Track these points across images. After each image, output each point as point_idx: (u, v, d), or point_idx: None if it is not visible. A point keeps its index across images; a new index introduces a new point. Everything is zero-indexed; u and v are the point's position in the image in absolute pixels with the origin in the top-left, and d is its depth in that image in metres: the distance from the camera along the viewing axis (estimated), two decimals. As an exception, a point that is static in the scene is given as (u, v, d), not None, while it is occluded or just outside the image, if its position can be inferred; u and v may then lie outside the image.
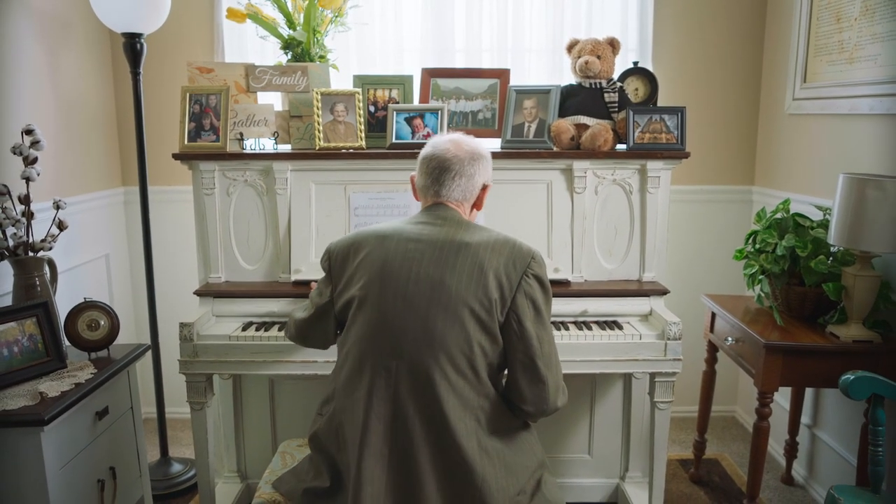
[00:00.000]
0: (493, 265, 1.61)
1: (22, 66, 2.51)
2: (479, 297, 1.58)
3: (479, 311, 1.57)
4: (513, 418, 1.68)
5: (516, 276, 1.61)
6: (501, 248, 1.64)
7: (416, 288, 1.59)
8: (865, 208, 2.08)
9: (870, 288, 2.19)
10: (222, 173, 2.43)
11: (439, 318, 1.56)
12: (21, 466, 1.73)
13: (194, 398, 2.24)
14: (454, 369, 1.56)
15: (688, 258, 3.28)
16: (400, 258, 1.62)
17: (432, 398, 1.55)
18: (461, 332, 1.56)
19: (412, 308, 1.58)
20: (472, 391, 1.59)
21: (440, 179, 1.72)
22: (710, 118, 3.20)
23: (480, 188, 1.77)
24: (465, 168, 1.72)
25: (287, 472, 1.81)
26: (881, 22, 2.33)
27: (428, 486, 1.55)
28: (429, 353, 1.55)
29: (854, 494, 1.85)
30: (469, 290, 1.58)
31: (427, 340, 1.56)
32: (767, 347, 2.22)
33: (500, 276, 1.60)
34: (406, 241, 1.65)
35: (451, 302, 1.57)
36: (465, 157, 1.72)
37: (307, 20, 2.60)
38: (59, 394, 1.83)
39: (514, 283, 1.61)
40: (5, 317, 1.92)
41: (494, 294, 1.59)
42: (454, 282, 1.58)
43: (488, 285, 1.58)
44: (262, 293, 2.36)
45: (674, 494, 2.76)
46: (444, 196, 1.73)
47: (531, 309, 1.62)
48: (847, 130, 2.56)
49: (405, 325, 1.57)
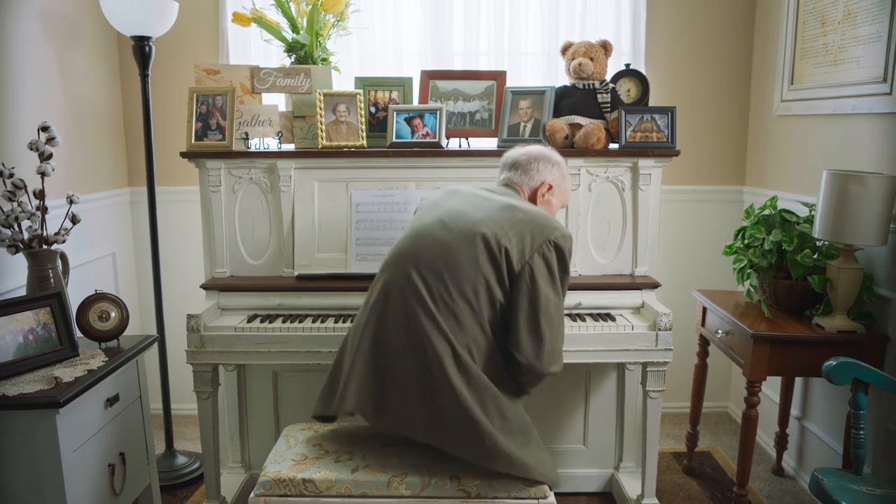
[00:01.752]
0: (524, 223, 1.84)
1: (34, 68, 2.60)
2: (497, 235, 1.81)
3: (493, 245, 1.80)
4: (505, 375, 1.83)
5: (540, 239, 1.83)
6: (538, 216, 1.88)
7: (450, 217, 1.89)
8: (848, 203, 2.17)
9: (853, 280, 2.28)
10: (228, 171, 2.51)
11: (457, 238, 1.83)
12: (37, 448, 1.80)
13: (201, 387, 2.32)
14: (456, 287, 1.78)
15: (680, 257, 3.37)
16: (453, 202, 1.96)
17: (428, 309, 1.77)
18: (470, 253, 1.80)
19: (440, 228, 1.87)
20: (470, 316, 1.78)
21: (506, 168, 2.09)
22: (701, 120, 3.30)
23: (539, 183, 2.06)
24: (525, 164, 2.07)
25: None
26: (863, 25, 2.42)
27: (406, 392, 1.77)
28: (441, 263, 1.80)
29: (837, 476, 1.93)
30: (489, 225, 1.83)
31: (441, 252, 1.82)
32: (755, 338, 2.30)
33: (525, 234, 1.82)
34: (466, 192, 2.00)
35: (470, 228, 1.83)
36: (529, 156, 2.08)
37: (310, 24, 2.68)
38: (73, 379, 1.90)
39: (536, 245, 1.82)
40: (21, 306, 2.00)
41: (514, 243, 1.82)
42: (480, 215, 1.86)
43: (510, 234, 1.82)
44: (266, 287, 2.44)
45: (667, 485, 2.83)
46: (506, 179, 2.08)
47: (546, 270, 1.81)
48: (832, 130, 2.65)
49: (428, 241, 1.86)
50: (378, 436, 1.99)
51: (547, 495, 1.78)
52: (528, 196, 2.07)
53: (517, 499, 1.77)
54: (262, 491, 1.79)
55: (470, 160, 2.52)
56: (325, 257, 2.49)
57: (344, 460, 1.86)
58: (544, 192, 2.07)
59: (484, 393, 1.76)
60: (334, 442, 1.96)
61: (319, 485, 1.77)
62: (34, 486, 1.82)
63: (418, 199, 2.45)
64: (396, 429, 1.82)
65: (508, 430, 1.77)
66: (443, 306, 1.78)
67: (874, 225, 2.16)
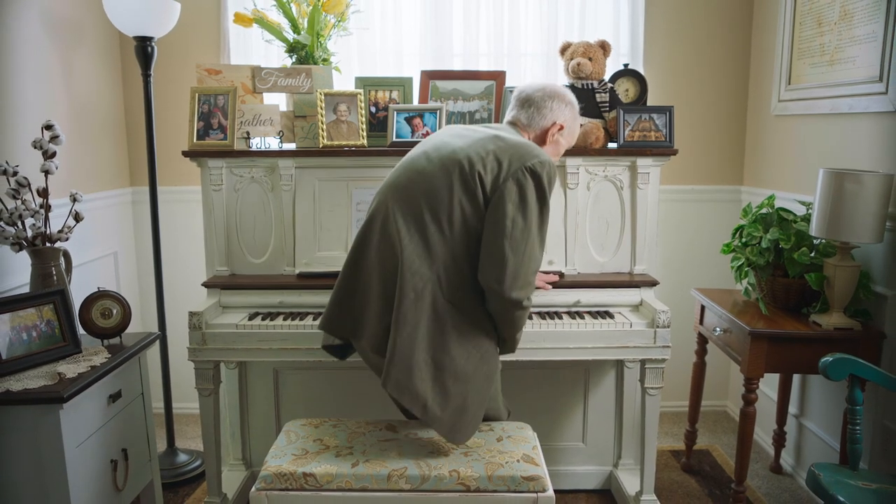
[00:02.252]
0: (503, 150, 1.87)
1: (37, 68, 2.62)
2: (473, 161, 1.85)
3: (467, 171, 1.84)
4: (475, 309, 1.86)
5: (516, 165, 1.84)
6: (520, 145, 1.90)
7: (434, 149, 1.95)
8: (844, 201, 2.19)
9: (850, 277, 2.29)
10: (230, 170, 2.53)
11: (436, 167, 1.89)
12: (41, 443, 1.82)
13: (203, 384, 2.33)
14: (431, 215, 1.85)
15: (679, 257, 3.39)
16: (441, 135, 2.02)
17: (400, 237, 1.84)
18: (446, 181, 1.86)
19: (423, 159, 1.94)
20: (441, 244, 1.83)
21: (517, 105, 2.08)
22: (700, 120, 3.32)
23: (551, 123, 2.06)
24: (539, 101, 2.06)
25: None
26: (858, 25, 2.44)
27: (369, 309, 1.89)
28: (419, 192, 1.87)
29: (833, 471, 1.94)
30: (467, 153, 1.87)
31: (419, 181, 1.89)
32: (752, 335, 2.32)
33: (503, 160, 1.85)
34: (459, 127, 2.06)
35: (449, 156, 1.89)
36: (545, 93, 2.06)
37: (311, 25, 2.71)
38: (77, 375, 1.92)
39: (511, 171, 1.84)
40: (25, 303, 2.02)
41: (489, 169, 1.84)
42: (462, 144, 1.91)
43: (486, 160, 1.85)
44: (267, 285, 2.46)
45: (666, 482, 2.84)
46: (512, 118, 2.08)
47: (517, 195, 1.82)
48: (829, 129, 2.67)
49: (410, 172, 1.93)
50: (378, 431, 2.01)
51: (546, 489, 1.80)
52: (536, 135, 2.06)
53: (516, 492, 1.79)
54: (263, 485, 1.80)
55: (469, 159, 2.53)
56: (326, 256, 2.51)
57: (344, 455, 1.88)
58: (555, 132, 2.07)
59: (436, 323, 1.83)
60: (335, 437, 1.98)
61: (320, 479, 1.79)
62: (38, 480, 1.84)
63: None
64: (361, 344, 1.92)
65: (442, 366, 1.83)
66: (415, 233, 1.84)
67: (870, 223, 2.18)
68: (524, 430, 2.06)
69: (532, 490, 1.79)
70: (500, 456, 1.88)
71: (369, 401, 2.65)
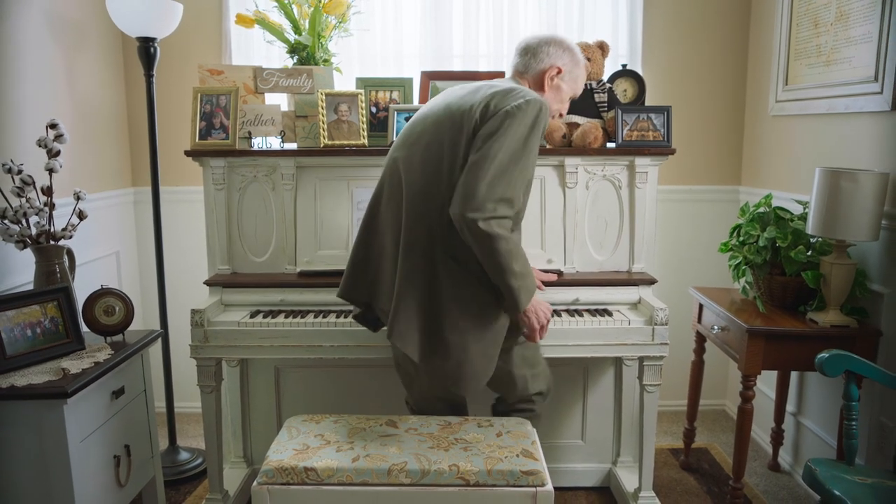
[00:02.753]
0: (492, 95, 1.92)
1: (41, 69, 2.65)
2: (462, 107, 1.92)
3: (458, 117, 1.91)
4: (471, 253, 1.89)
5: (503, 105, 1.89)
6: (511, 89, 1.93)
7: (431, 107, 2.04)
8: (840, 199, 2.21)
9: (846, 275, 2.31)
10: (231, 169, 2.55)
11: (431, 122, 1.97)
12: (45, 437, 1.84)
13: (205, 381, 2.35)
14: (430, 164, 1.92)
15: (678, 256, 3.40)
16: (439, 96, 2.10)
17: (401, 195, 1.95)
18: (440, 133, 1.93)
19: (421, 121, 2.02)
20: (437, 193, 1.90)
21: (517, 54, 2.11)
22: (698, 121, 3.34)
23: (548, 66, 2.06)
24: (535, 47, 2.07)
25: None
26: (854, 26, 2.47)
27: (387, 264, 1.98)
28: (418, 149, 1.95)
29: (829, 466, 1.96)
30: (459, 106, 1.93)
31: (416, 139, 1.98)
32: (750, 332, 2.34)
33: (492, 103, 1.90)
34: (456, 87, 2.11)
35: (444, 109, 1.96)
36: (541, 40, 2.08)
37: (312, 26, 2.73)
38: (81, 371, 1.94)
39: (498, 109, 1.87)
40: (29, 299, 2.04)
41: (480, 113, 1.89)
42: (454, 99, 1.99)
43: (476, 106, 1.90)
44: (268, 283, 2.48)
45: (665, 480, 2.86)
46: (512, 67, 2.11)
47: (496, 127, 1.85)
48: (825, 129, 2.70)
49: (408, 133, 2.03)
50: (379, 426, 2.03)
51: (545, 483, 1.81)
52: (534, 80, 2.07)
53: (515, 487, 1.81)
54: (265, 479, 1.82)
55: (469, 159, 2.56)
56: (327, 254, 2.53)
57: (345, 449, 1.90)
58: (553, 74, 2.07)
59: (434, 274, 1.90)
60: (336, 432, 2.00)
61: (321, 473, 1.81)
62: (42, 474, 1.85)
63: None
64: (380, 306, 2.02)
65: (439, 317, 1.90)
66: (417, 184, 1.92)
67: (866, 221, 2.20)
68: (523, 425, 2.08)
69: (531, 484, 1.81)
70: (500, 451, 1.90)
71: (370, 399, 2.68)
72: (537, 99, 1.91)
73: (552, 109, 2.13)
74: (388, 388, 2.64)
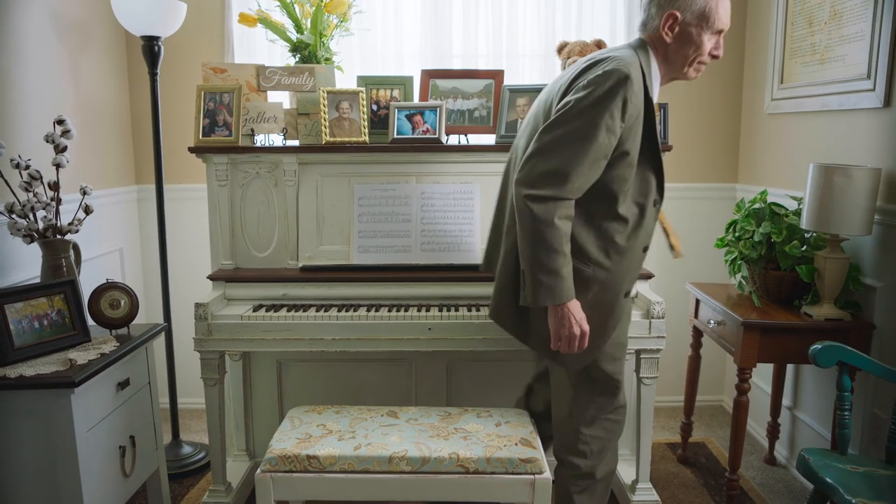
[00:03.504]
0: (582, 69, 1.86)
1: (46, 68, 2.69)
2: (557, 87, 1.93)
3: (549, 98, 1.94)
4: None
5: (585, 76, 1.81)
6: (603, 58, 1.84)
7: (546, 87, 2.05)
8: (834, 194, 2.25)
9: (839, 269, 2.35)
10: (234, 166, 2.59)
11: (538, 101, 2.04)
12: (53, 427, 1.87)
13: (208, 374, 2.39)
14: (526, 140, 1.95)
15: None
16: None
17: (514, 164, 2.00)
18: (534, 113, 2.01)
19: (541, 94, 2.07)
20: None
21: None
22: (695, 119, 3.38)
23: (661, 21, 1.82)
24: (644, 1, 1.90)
25: None
26: (848, 25, 2.51)
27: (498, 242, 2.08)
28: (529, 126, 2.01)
29: (822, 455, 2.00)
30: (560, 84, 1.93)
31: (531, 116, 2.04)
32: (745, 326, 2.38)
33: (577, 76, 1.85)
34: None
35: (548, 91, 2.00)
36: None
37: (314, 25, 2.77)
38: (87, 362, 1.97)
39: (579, 82, 1.82)
40: (36, 292, 2.07)
41: (564, 85, 1.88)
42: (558, 77, 2.00)
43: (564, 78, 1.91)
44: (271, 278, 2.51)
45: (662, 473, 2.90)
46: (640, 23, 1.95)
47: (571, 97, 1.79)
48: (819, 126, 2.73)
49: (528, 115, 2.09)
50: (380, 417, 2.06)
51: (543, 471, 1.85)
52: (653, 38, 1.87)
53: (514, 474, 1.84)
54: (267, 467, 1.86)
55: (469, 155, 2.60)
56: (329, 249, 2.57)
57: (347, 439, 1.93)
58: (668, 25, 1.82)
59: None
60: (337, 422, 2.04)
61: (323, 461, 1.84)
62: (50, 463, 1.89)
63: (419, 193, 2.53)
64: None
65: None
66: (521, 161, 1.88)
67: (859, 215, 2.24)
68: (522, 416, 2.11)
69: (529, 472, 1.85)
70: (499, 440, 1.94)
71: (371, 392, 2.71)
72: (616, 69, 1.74)
73: (684, 70, 1.91)
74: (388, 381, 2.68)
